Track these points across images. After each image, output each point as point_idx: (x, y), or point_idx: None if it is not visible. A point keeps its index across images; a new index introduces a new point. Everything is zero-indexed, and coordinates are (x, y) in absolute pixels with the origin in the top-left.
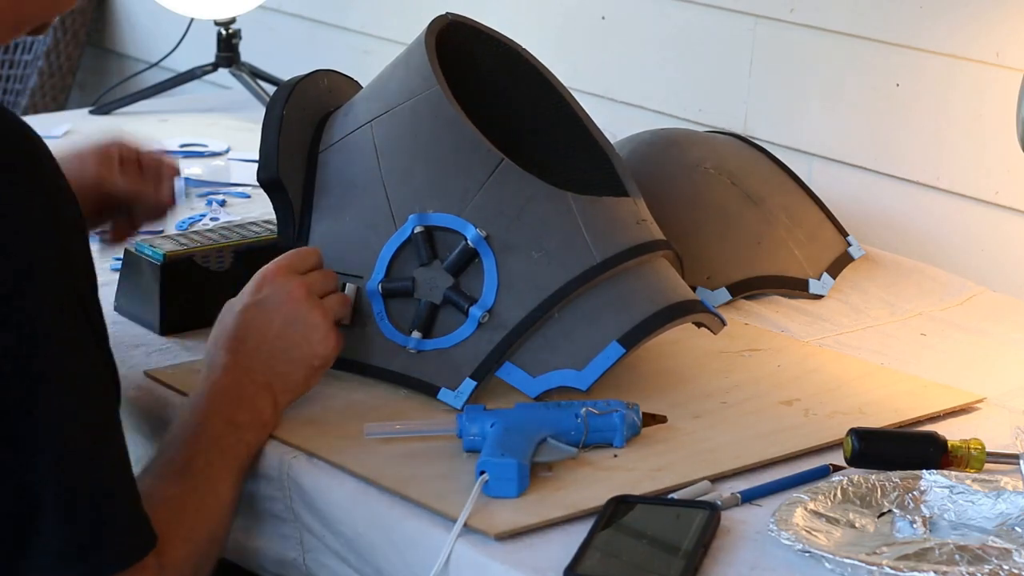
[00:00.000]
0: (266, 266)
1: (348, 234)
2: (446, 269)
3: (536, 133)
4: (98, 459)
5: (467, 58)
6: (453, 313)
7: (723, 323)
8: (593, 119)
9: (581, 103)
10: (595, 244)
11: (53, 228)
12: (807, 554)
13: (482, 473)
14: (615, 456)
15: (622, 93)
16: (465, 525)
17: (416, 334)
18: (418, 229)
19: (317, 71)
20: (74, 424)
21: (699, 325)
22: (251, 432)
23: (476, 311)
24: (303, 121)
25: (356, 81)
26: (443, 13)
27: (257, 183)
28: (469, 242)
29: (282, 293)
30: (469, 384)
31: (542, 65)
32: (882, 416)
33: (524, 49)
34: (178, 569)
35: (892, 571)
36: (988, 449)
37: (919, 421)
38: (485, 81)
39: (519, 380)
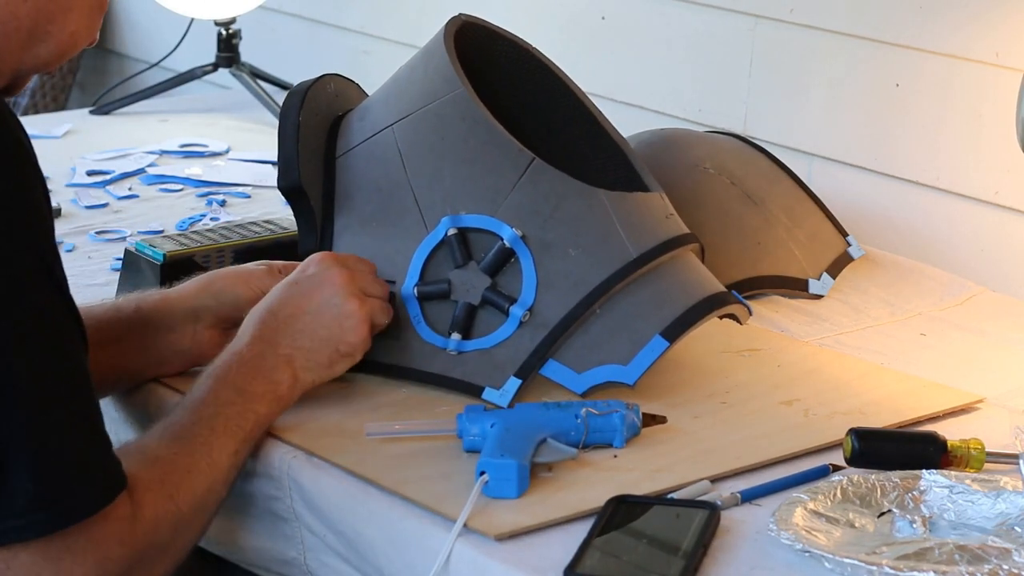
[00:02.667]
0: (315, 253)
1: (376, 239)
2: (483, 270)
3: (551, 132)
4: (66, 408)
5: (480, 59)
6: (492, 313)
7: (750, 312)
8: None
9: None
10: (630, 240)
11: (14, 186)
12: (807, 554)
13: (482, 474)
14: (615, 457)
15: (622, 93)
16: (465, 526)
17: (455, 335)
18: (452, 231)
19: (324, 76)
20: (42, 375)
21: (721, 316)
22: (263, 404)
23: (517, 310)
24: (316, 127)
25: (358, 84)
26: (456, 14)
27: (257, 184)
28: (506, 242)
29: (324, 275)
30: (514, 382)
31: (554, 64)
32: (882, 416)
33: (536, 49)
34: (154, 524)
35: (892, 571)
36: (988, 449)
37: (919, 421)
38: (498, 81)
39: (564, 377)
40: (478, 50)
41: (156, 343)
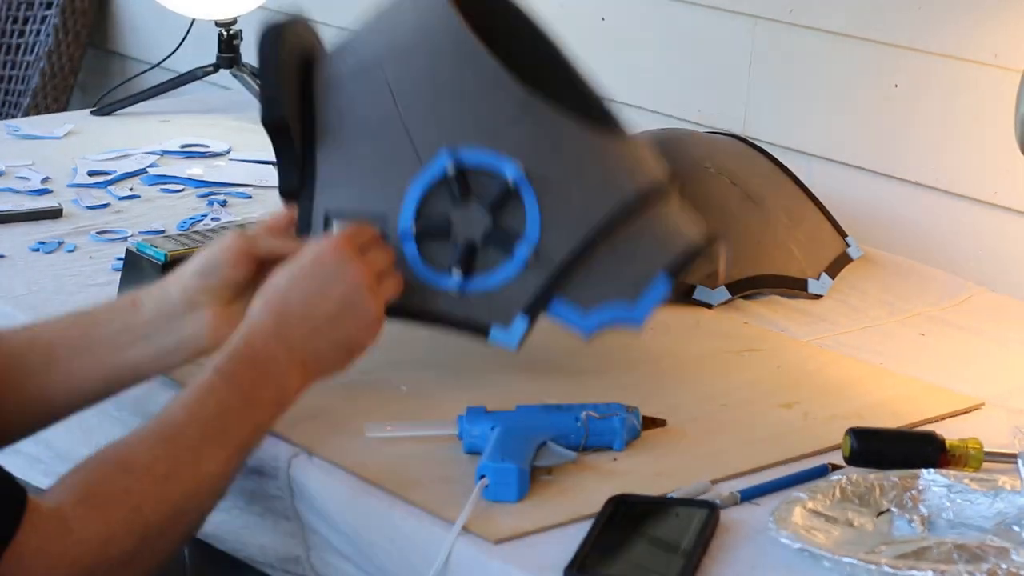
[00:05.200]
0: (326, 239)
1: (365, 176)
2: (485, 207)
3: (526, 77)
4: None
5: (463, 8)
6: (495, 252)
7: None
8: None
9: None
10: (629, 178)
11: None
12: (806, 553)
13: (482, 478)
14: (615, 460)
15: (622, 93)
16: (465, 529)
17: (457, 273)
18: (451, 168)
19: (291, 17)
20: None
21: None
22: (266, 411)
23: (523, 248)
24: (292, 64)
25: (312, 28)
26: None
27: (259, 184)
28: (509, 178)
29: (344, 273)
30: (522, 320)
31: (544, 24)
32: (881, 420)
33: (527, 7)
34: (106, 537)
35: (890, 570)
36: (986, 448)
37: (918, 425)
38: (482, 30)
39: (571, 315)
40: (475, 14)
41: (157, 333)
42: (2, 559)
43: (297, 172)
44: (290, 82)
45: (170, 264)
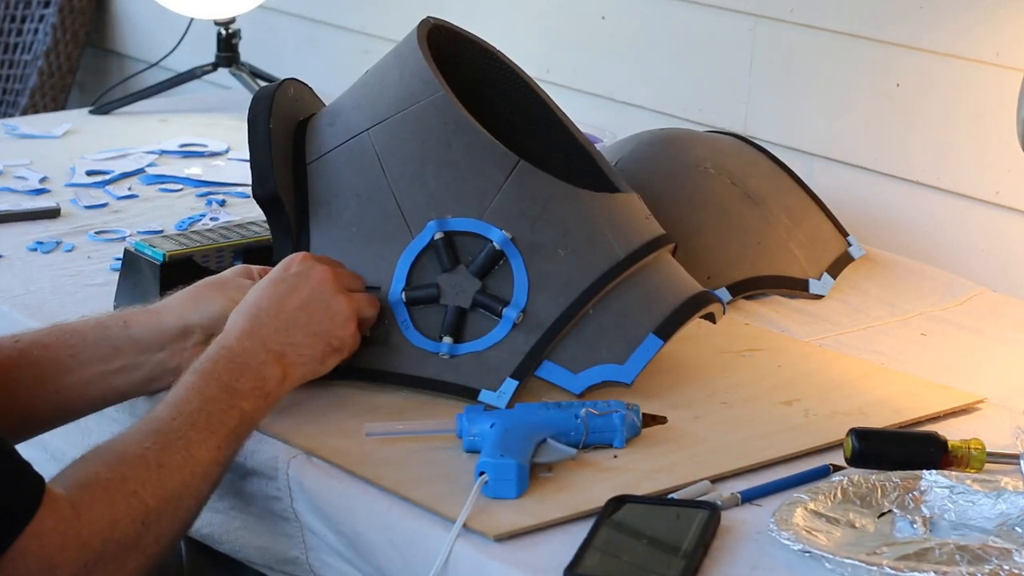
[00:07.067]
0: (294, 254)
1: (356, 245)
2: (472, 273)
3: (516, 134)
4: None
5: (447, 62)
6: (482, 316)
7: (724, 311)
8: (573, 118)
9: (582, 103)
10: (616, 241)
11: None
12: (807, 554)
13: (481, 474)
14: (615, 457)
15: (622, 93)
16: (465, 526)
17: (447, 339)
18: (438, 235)
19: (285, 80)
20: None
21: (701, 316)
22: (249, 400)
23: (511, 312)
24: (283, 133)
25: (312, 89)
26: (425, 17)
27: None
28: (496, 245)
29: (310, 273)
30: (511, 384)
31: (517, 66)
32: (883, 416)
33: (500, 51)
34: (111, 522)
35: (892, 571)
36: (988, 449)
37: (919, 421)
38: (465, 84)
39: (561, 378)
40: (444, 52)
41: (148, 362)
42: (23, 535)
43: (291, 243)
44: (281, 153)
45: (168, 264)
